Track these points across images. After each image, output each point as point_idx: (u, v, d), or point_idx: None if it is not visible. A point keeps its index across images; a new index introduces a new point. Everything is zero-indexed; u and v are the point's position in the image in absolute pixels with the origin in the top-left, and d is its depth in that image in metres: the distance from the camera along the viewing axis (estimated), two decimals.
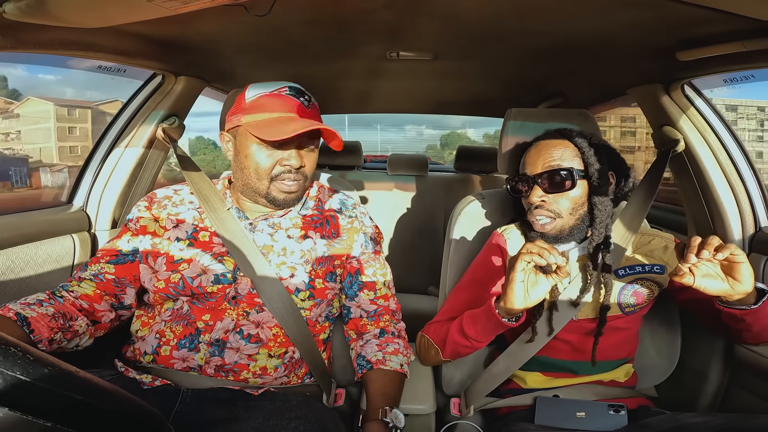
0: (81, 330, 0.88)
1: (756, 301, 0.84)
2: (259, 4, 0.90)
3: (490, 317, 0.91)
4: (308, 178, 0.98)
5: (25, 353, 0.39)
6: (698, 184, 1.29)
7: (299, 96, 0.94)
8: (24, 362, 0.38)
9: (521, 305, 0.85)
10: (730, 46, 0.93)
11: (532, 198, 0.98)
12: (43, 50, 0.94)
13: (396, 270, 1.24)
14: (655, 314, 1.14)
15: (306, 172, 0.97)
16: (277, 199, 0.96)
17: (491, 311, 0.90)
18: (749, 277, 0.80)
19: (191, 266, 0.95)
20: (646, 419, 0.93)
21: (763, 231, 1.23)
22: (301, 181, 0.97)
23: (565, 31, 1.08)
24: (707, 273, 0.82)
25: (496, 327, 0.93)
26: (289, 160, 0.93)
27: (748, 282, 0.80)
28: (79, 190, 1.35)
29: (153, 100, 1.36)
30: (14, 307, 0.81)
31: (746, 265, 0.80)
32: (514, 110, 1.20)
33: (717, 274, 0.82)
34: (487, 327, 0.94)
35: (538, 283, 0.85)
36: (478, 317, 0.95)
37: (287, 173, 0.94)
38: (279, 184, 0.95)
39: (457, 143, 7.90)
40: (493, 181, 2.61)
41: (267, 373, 0.95)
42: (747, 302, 0.84)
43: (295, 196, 0.98)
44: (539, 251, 0.82)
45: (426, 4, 0.96)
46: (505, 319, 0.89)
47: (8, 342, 0.39)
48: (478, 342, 0.97)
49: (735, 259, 0.78)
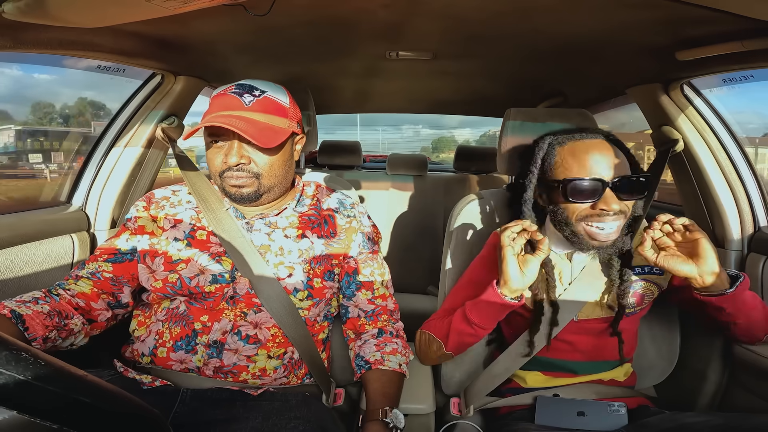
0: (76, 329, 0.88)
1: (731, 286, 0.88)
2: (258, 4, 0.90)
3: (493, 299, 0.93)
4: (261, 174, 0.94)
5: (36, 358, 0.39)
6: (697, 183, 1.29)
7: (242, 93, 0.92)
8: (36, 367, 0.39)
9: (519, 282, 0.89)
10: (729, 46, 0.94)
11: (610, 204, 0.89)
12: (43, 50, 0.94)
13: (395, 270, 1.24)
14: (654, 314, 1.14)
15: (255, 168, 0.93)
16: (230, 193, 0.96)
17: (494, 293, 0.92)
18: (711, 253, 0.85)
19: (189, 266, 0.95)
20: (645, 419, 0.93)
21: (761, 231, 1.23)
22: (250, 178, 0.94)
23: (565, 30, 1.08)
24: (672, 254, 0.88)
25: (500, 309, 0.94)
26: (226, 157, 0.92)
27: (712, 259, 0.85)
28: (78, 190, 1.35)
29: (152, 100, 1.36)
30: (9, 305, 0.80)
31: (705, 240, 0.85)
32: (513, 110, 1.20)
33: (680, 255, 0.88)
34: (490, 310, 0.95)
35: (528, 261, 0.90)
36: (481, 302, 0.95)
37: (228, 170, 0.93)
38: (227, 180, 0.94)
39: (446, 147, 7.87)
40: (492, 181, 2.61)
41: (266, 374, 0.95)
42: (721, 287, 0.88)
43: (248, 192, 0.95)
44: (515, 224, 0.90)
45: (425, 4, 0.96)
46: (507, 297, 0.91)
47: (19, 347, 0.39)
48: (483, 329, 0.97)
49: (693, 236, 0.85)
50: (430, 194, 2.60)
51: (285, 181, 1.00)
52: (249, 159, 0.93)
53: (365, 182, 2.64)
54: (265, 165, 0.94)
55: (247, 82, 0.95)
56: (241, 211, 1.01)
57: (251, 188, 0.94)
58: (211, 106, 0.93)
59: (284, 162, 0.98)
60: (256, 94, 0.93)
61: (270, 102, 0.94)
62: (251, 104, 0.92)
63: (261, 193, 0.96)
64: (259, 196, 0.96)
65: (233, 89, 0.93)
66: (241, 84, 0.94)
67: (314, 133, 1.39)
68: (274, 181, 0.97)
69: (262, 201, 0.99)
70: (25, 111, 3.09)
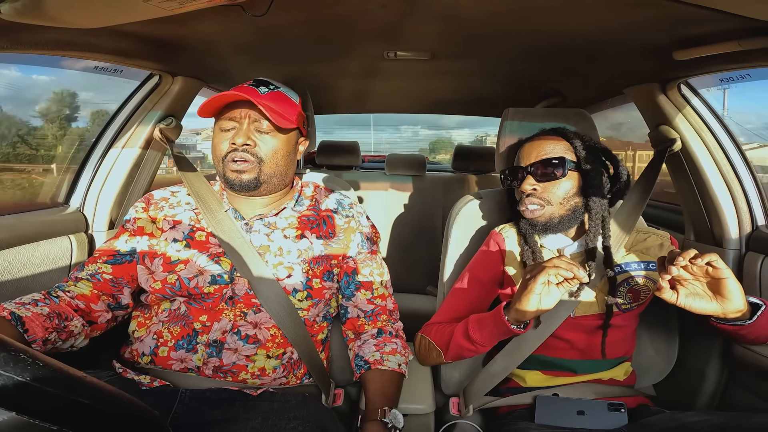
0: (76, 330, 0.88)
1: (750, 315, 0.84)
2: (256, 4, 0.90)
3: (498, 324, 0.92)
4: (264, 160, 0.97)
5: (35, 359, 0.39)
6: (695, 182, 1.30)
7: (258, 85, 0.98)
8: (34, 368, 0.38)
9: (533, 314, 0.87)
10: (726, 46, 0.94)
11: (524, 186, 1.00)
12: (40, 51, 0.93)
13: (394, 270, 1.24)
14: (652, 313, 1.14)
15: (259, 153, 0.96)
16: (230, 179, 0.97)
17: (500, 318, 0.91)
18: (738, 293, 0.79)
19: (188, 267, 0.95)
20: (645, 418, 0.93)
21: (759, 230, 1.23)
22: (252, 163, 0.95)
23: (563, 30, 1.08)
24: (694, 292, 0.82)
25: (504, 333, 0.95)
26: (234, 138, 0.95)
27: (738, 299, 0.79)
28: (76, 191, 1.34)
29: (150, 101, 1.36)
30: (9, 307, 0.80)
31: (732, 281, 0.78)
32: (511, 110, 1.20)
33: (705, 292, 0.82)
34: (493, 332, 0.95)
35: (550, 293, 0.86)
36: (485, 322, 0.96)
37: (233, 151, 0.95)
38: (229, 164, 0.96)
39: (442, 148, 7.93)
40: (491, 181, 2.62)
41: (265, 373, 0.95)
42: (741, 318, 0.84)
43: (248, 179, 0.96)
44: (567, 267, 0.83)
45: (423, 4, 0.96)
46: (514, 326, 0.91)
47: (18, 348, 0.39)
48: (483, 346, 0.98)
49: (718, 274, 0.78)
50: (428, 194, 2.60)
51: (285, 173, 1.02)
52: (255, 143, 0.96)
53: (364, 182, 2.64)
54: (269, 150, 0.97)
55: (262, 78, 1.01)
56: (240, 212, 1.01)
57: (252, 174, 0.96)
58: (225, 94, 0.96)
59: (287, 153, 1.01)
60: (271, 87, 1.00)
61: (283, 96, 1.00)
62: (266, 94, 0.97)
63: (261, 181, 0.97)
64: (259, 185, 0.97)
65: (250, 82, 0.99)
66: (258, 79, 1.01)
67: (313, 133, 1.39)
68: (275, 170, 0.98)
69: (261, 191, 1.00)
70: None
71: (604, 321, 1.01)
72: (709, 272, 0.79)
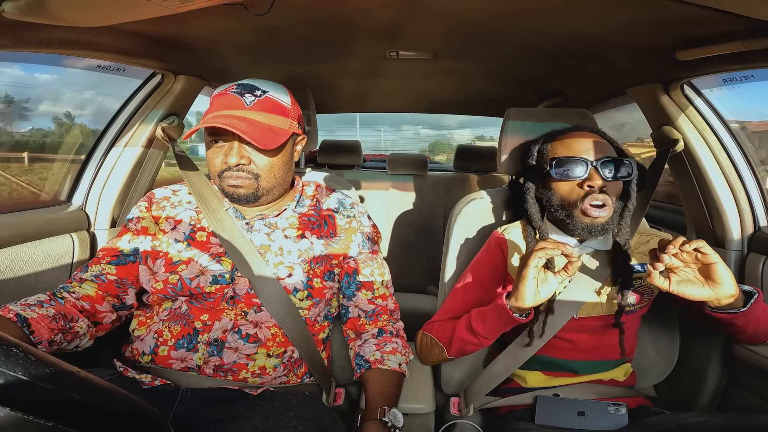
0: (81, 331, 0.88)
1: (744, 303, 0.85)
2: (258, 3, 0.90)
3: (500, 314, 0.92)
4: (261, 176, 0.94)
5: (27, 353, 0.39)
6: (697, 183, 1.29)
7: (243, 93, 0.92)
8: (26, 362, 0.38)
9: (532, 302, 0.87)
10: (729, 46, 0.94)
11: (595, 181, 0.92)
12: (43, 49, 0.94)
13: (395, 269, 1.24)
14: (654, 314, 1.14)
15: (254, 170, 0.93)
16: (229, 194, 0.95)
17: (502, 307, 0.91)
18: (728, 277, 0.81)
19: (189, 267, 0.95)
20: (646, 419, 0.93)
21: (762, 231, 1.23)
22: (249, 179, 0.93)
23: (565, 31, 1.08)
24: (686, 278, 0.84)
25: (507, 323, 0.94)
26: (226, 157, 0.92)
27: (729, 283, 0.81)
28: (78, 189, 1.35)
29: (152, 99, 1.36)
30: (14, 308, 0.80)
31: (721, 265, 0.80)
32: (513, 110, 1.20)
33: (696, 278, 0.83)
34: (496, 323, 0.95)
35: (547, 281, 0.87)
36: (488, 314, 0.96)
37: (227, 170, 0.92)
38: (226, 180, 0.93)
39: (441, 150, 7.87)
40: (492, 181, 2.61)
41: (266, 372, 0.95)
42: (735, 306, 0.85)
43: (245, 192, 0.94)
44: (553, 246, 0.84)
45: (425, 3, 0.96)
46: (516, 314, 0.90)
47: (9, 342, 0.39)
48: (486, 339, 0.98)
49: (707, 260, 0.80)
50: (430, 194, 2.60)
51: (284, 182, 1.00)
52: (249, 159, 0.92)
53: (365, 182, 2.64)
54: (264, 166, 0.94)
55: (248, 82, 0.94)
56: (241, 212, 1.01)
57: (249, 189, 0.94)
58: (212, 105, 0.93)
59: (284, 163, 0.97)
60: (258, 93, 0.92)
61: (271, 102, 0.93)
62: (252, 104, 0.91)
63: (259, 194, 0.95)
64: (258, 198, 0.96)
65: (234, 89, 0.92)
66: (243, 83, 0.94)
67: (314, 132, 1.39)
68: (273, 182, 0.96)
69: (261, 202, 0.99)
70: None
71: (615, 321, 1.00)
72: (699, 258, 0.81)
